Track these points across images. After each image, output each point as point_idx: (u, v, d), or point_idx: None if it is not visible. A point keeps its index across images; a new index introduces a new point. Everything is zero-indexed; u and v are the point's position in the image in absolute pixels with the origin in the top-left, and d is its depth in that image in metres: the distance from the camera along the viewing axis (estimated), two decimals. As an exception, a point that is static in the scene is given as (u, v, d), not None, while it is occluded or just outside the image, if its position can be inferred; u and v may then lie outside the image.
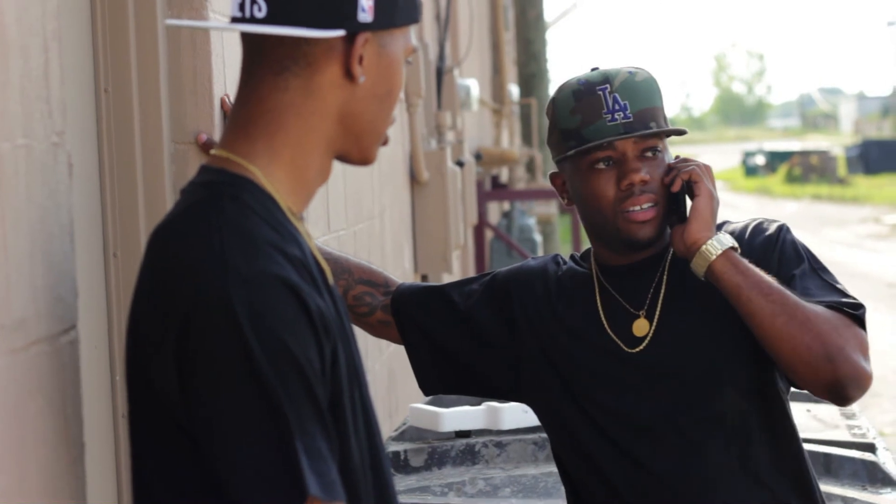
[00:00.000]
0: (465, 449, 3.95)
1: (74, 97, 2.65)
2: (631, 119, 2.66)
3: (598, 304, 2.76)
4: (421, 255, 6.89)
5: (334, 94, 1.88)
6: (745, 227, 2.75)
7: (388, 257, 5.94)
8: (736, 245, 2.63)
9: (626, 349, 2.71)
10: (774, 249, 2.69)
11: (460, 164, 7.39)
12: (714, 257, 2.60)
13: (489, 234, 12.63)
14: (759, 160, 60.19)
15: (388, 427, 5.28)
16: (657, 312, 2.72)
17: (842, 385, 2.53)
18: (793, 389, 2.76)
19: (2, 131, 1.81)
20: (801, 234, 2.82)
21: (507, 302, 2.84)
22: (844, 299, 2.61)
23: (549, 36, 18.17)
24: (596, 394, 2.72)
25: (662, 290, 2.73)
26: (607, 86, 2.68)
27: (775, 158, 58.31)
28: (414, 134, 6.57)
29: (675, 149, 2.79)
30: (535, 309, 2.81)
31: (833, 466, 3.77)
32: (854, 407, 4.34)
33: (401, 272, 6.32)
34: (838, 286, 2.66)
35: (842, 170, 51.08)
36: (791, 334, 2.54)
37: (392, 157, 6.13)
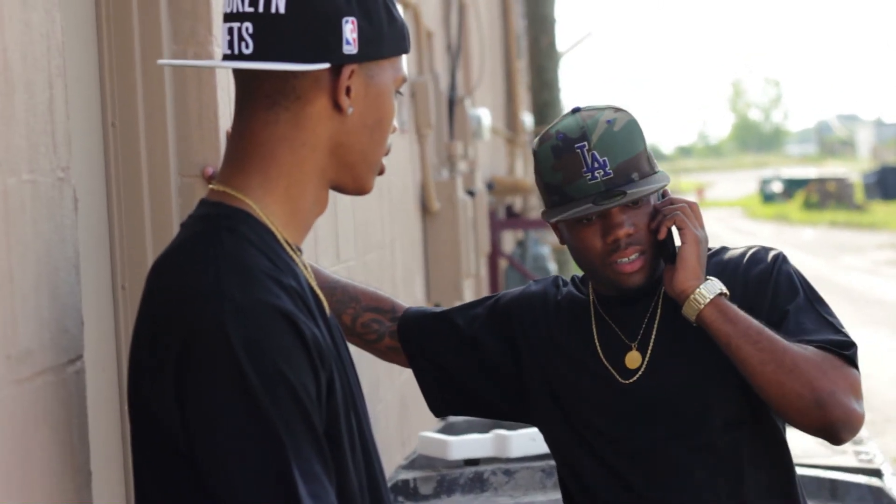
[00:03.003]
0: (473, 477, 3.97)
1: (81, 132, 2.69)
2: (611, 175, 2.66)
3: (594, 333, 2.79)
4: (433, 285, 6.93)
5: (324, 126, 1.91)
6: (743, 255, 2.77)
7: (399, 287, 5.97)
8: (725, 290, 2.65)
9: (619, 380, 2.74)
10: (770, 281, 2.71)
11: (471, 193, 7.43)
12: (703, 306, 2.63)
13: (503, 264, 12.64)
14: (777, 187, 60.04)
15: (400, 455, 5.30)
16: (650, 345, 2.74)
17: (834, 429, 2.56)
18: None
19: (8, 166, 1.85)
20: (818, 261, 2.85)
21: (508, 326, 2.87)
22: (837, 337, 2.63)
23: (563, 64, 18.13)
24: (591, 419, 2.76)
25: (657, 321, 2.75)
26: (585, 143, 2.67)
27: (793, 185, 58.15)
28: (425, 164, 6.61)
29: (692, 176, 2.77)
30: (535, 334, 2.84)
31: (839, 492, 3.78)
32: (862, 432, 4.35)
33: (412, 301, 6.34)
34: (832, 320, 2.67)
35: (859, 196, 50.90)
36: (780, 382, 2.56)
37: (403, 187, 6.17)
